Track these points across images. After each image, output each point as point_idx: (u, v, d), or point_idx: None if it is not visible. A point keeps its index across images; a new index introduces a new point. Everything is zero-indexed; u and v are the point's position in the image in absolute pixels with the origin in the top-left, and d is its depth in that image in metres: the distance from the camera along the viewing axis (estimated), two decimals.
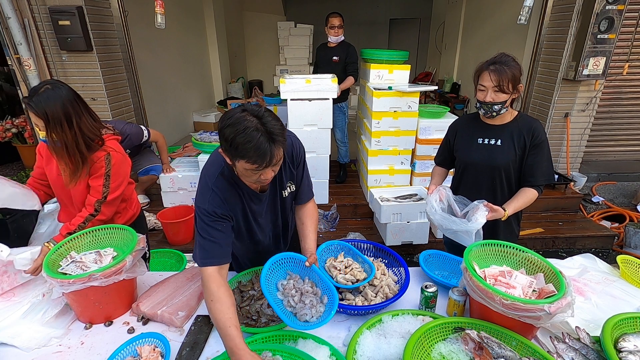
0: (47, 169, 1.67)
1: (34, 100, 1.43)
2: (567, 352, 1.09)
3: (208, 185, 1.26)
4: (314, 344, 1.14)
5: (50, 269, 1.27)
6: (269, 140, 1.07)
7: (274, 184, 1.37)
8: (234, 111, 1.11)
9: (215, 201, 1.24)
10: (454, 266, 1.67)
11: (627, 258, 1.61)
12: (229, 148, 1.09)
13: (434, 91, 7.68)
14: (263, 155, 1.07)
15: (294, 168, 1.39)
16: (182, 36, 5.81)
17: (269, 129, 1.07)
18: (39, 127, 1.49)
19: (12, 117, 4.60)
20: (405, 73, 3.57)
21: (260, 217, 1.41)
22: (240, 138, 1.05)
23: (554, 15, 4.02)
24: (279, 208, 1.45)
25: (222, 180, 1.26)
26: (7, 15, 3.14)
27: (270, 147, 1.07)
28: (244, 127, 1.06)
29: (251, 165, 1.09)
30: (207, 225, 1.23)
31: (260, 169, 1.11)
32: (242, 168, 1.12)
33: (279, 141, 1.10)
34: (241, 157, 1.08)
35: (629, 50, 3.95)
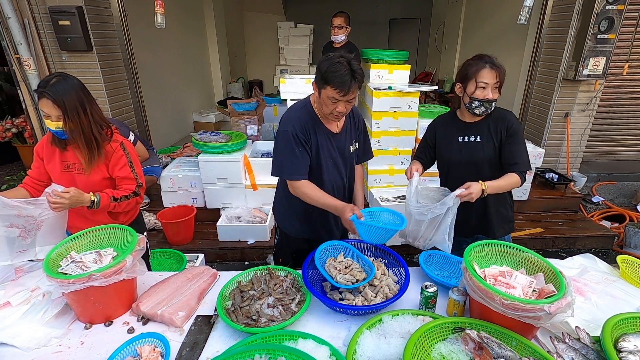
0: (50, 167, 1.66)
1: (49, 89, 1.47)
2: (567, 352, 1.09)
3: (293, 115, 1.62)
4: (314, 344, 1.14)
5: (50, 269, 1.27)
6: (351, 75, 1.42)
7: (345, 133, 1.69)
8: (332, 53, 1.48)
9: (299, 125, 1.57)
10: (454, 266, 1.67)
11: (627, 258, 1.61)
12: (321, 76, 1.46)
13: (434, 91, 7.68)
14: (344, 84, 1.42)
15: (356, 128, 1.76)
16: (182, 36, 5.81)
17: (353, 68, 1.43)
18: (51, 118, 1.51)
19: (12, 117, 4.60)
20: (405, 73, 3.57)
21: (330, 160, 1.67)
22: (331, 68, 1.42)
23: (554, 15, 4.02)
24: (346, 162, 1.73)
25: (305, 112, 1.61)
26: (7, 15, 3.14)
27: (350, 80, 1.42)
28: (336, 62, 1.43)
29: (334, 92, 1.44)
30: (290, 146, 1.57)
31: (339, 97, 1.44)
32: (325, 96, 1.48)
33: (357, 80, 1.44)
34: (328, 84, 1.44)
35: (629, 50, 3.95)
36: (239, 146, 3.52)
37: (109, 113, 3.66)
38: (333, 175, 1.72)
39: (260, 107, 4.92)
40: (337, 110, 1.50)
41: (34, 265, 1.61)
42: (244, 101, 5.09)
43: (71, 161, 1.65)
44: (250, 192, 3.50)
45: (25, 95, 3.50)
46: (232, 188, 3.45)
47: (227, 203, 3.54)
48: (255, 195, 3.51)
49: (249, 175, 3.45)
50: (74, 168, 1.65)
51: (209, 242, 3.32)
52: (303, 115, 1.60)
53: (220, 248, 3.27)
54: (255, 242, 3.28)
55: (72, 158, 1.65)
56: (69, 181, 1.63)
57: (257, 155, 3.66)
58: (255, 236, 3.29)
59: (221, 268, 1.74)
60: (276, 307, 1.35)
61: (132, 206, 1.72)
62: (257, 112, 4.75)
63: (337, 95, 1.45)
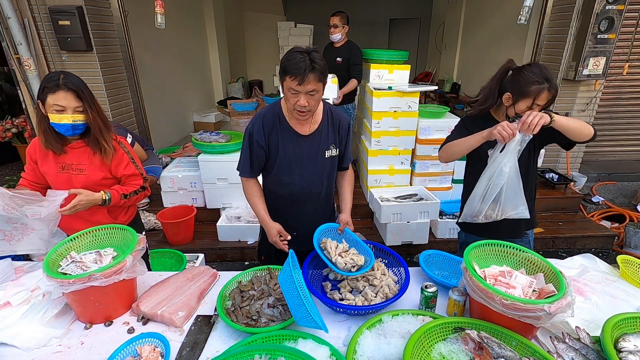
0: (44, 169, 1.63)
1: (67, 81, 1.47)
2: (567, 352, 1.09)
3: (259, 113, 1.62)
4: (314, 344, 1.14)
5: (50, 269, 1.27)
6: (309, 64, 1.37)
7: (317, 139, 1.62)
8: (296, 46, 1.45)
9: (256, 125, 1.58)
10: (454, 266, 1.67)
11: (627, 258, 1.60)
12: (281, 71, 1.43)
13: (434, 91, 7.68)
14: (299, 70, 1.36)
15: (337, 134, 1.66)
16: (182, 36, 5.81)
17: (312, 57, 1.39)
18: (67, 111, 1.49)
19: (12, 117, 4.60)
20: (405, 73, 3.57)
21: (296, 162, 1.63)
22: (289, 57, 1.40)
23: (554, 15, 4.02)
24: (320, 166, 1.66)
25: (271, 112, 1.59)
26: (7, 15, 3.14)
27: (306, 66, 1.36)
28: (295, 52, 1.41)
29: (291, 81, 1.39)
30: (246, 144, 1.62)
31: (297, 87, 1.39)
32: (286, 88, 1.43)
33: (316, 69, 1.38)
34: (286, 74, 1.40)
35: (629, 50, 3.95)
36: (239, 146, 3.50)
37: (109, 113, 3.66)
38: (299, 180, 1.65)
39: (260, 107, 4.92)
40: (298, 104, 1.43)
41: (34, 265, 1.61)
42: (244, 101, 5.09)
43: (69, 162, 1.62)
44: None
45: (25, 95, 3.50)
46: (232, 188, 3.45)
47: (227, 203, 3.54)
48: None
49: None
50: (71, 169, 1.62)
51: (209, 242, 3.32)
52: (267, 114, 1.59)
53: (220, 248, 3.27)
54: (255, 242, 3.28)
55: (70, 159, 1.62)
56: (66, 182, 1.61)
57: None
58: (255, 236, 3.29)
59: (221, 268, 1.74)
60: (276, 307, 1.35)
61: (140, 200, 1.77)
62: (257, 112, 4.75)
63: (294, 85, 1.39)
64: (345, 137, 1.70)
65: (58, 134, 1.57)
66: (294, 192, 1.68)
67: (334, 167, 1.72)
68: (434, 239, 3.38)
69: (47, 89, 1.47)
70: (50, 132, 1.55)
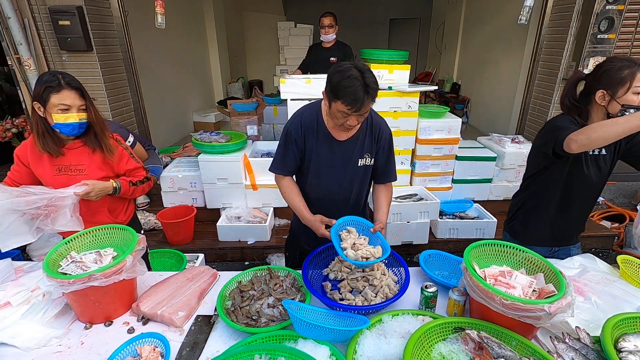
0: (39, 172, 1.60)
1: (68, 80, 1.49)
2: (567, 352, 1.09)
3: (298, 112, 1.59)
4: (313, 344, 1.14)
5: (50, 269, 1.27)
6: (364, 90, 1.32)
7: (352, 145, 1.58)
8: (344, 63, 1.38)
9: (296, 124, 1.54)
10: (454, 266, 1.67)
11: (627, 258, 1.60)
12: (332, 90, 1.37)
13: (434, 91, 7.69)
14: (356, 100, 1.33)
15: (374, 143, 1.61)
16: (183, 36, 5.81)
17: (367, 82, 1.33)
18: (72, 110, 1.50)
19: (12, 117, 4.60)
20: (405, 73, 3.56)
21: (327, 167, 1.59)
22: (343, 83, 1.32)
23: (554, 15, 4.02)
24: (351, 173, 1.62)
25: (311, 113, 1.56)
26: (7, 15, 3.14)
27: (364, 96, 1.33)
28: (348, 75, 1.32)
29: (345, 107, 1.35)
30: (283, 142, 1.59)
31: (350, 113, 1.36)
32: (336, 109, 1.39)
33: (371, 95, 1.35)
34: (339, 98, 1.35)
35: (629, 50, 3.94)
36: (239, 146, 3.52)
37: (109, 113, 3.66)
38: (331, 185, 1.63)
39: (260, 107, 4.92)
40: (347, 124, 1.42)
41: (34, 265, 1.61)
42: (244, 101, 5.08)
43: (66, 163, 1.61)
44: (250, 192, 3.50)
45: (25, 95, 3.50)
46: (232, 188, 3.45)
47: (227, 203, 3.54)
48: (255, 195, 3.51)
49: (249, 175, 3.45)
50: (70, 170, 1.61)
51: (209, 242, 3.32)
52: (307, 115, 1.57)
53: (220, 248, 3.27)
54: (255, 242, 3.28)
55: (69, 160, 1.61)
56: (65, 184, 1.59)
57: (257, 155, 3.66)
58: (255, 236, 3.29)
59: (221, 268, 1.74)
60: (276, 307, 1.35)
61: (146, 190, 1.80)
62: (257, 112, 4.75)
63: (348, 111, 1.36)
64: (385, 148, 1.63)
65: (56, 135, 1.55)
66: (321, 195, 1.66)
67: (366, 176, 1.67)
68: (434, 239, 3.38)
69: (51, 89, 1.46)
70: (49, 134, 1.53)
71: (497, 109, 5.78)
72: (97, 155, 1.63)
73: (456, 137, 3.52)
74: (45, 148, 1.54)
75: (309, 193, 1.68)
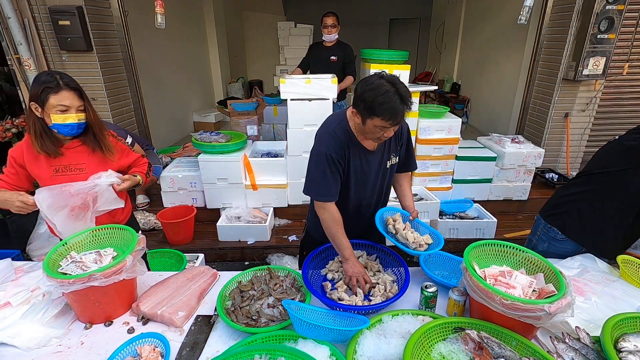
0: (36, 173, 1.58)
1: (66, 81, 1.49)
2: (567, 352, 1.09)
3: (328, 131, 1.50)
4: (313, 344, 1.14)
5: (50, 269, 1.27)
6: (401, 102, 1.31)
7: (381, 151, 1.57)
8: (372, 78, 1.35)
9: (334, 146, 1.47)
10: (454, 266, 1.67)
11: (627, 258, 1.60)
12: (367, 108, 1.33)
13: (434, 91, 7.69)
14: (396, 114, 1.31)
15: (398, 144, 1.63)
16: (182, 36, 5.81)
17: (401, 93, 1.31)
18: (71, 110, 1.50)
19: (12, 117, 4.60)
20: (405, 73, 3.55)
21: (361, 177, 1.57)
22: (379, 100, 1.30)
23: (554, 15, 4.02)
24: (381, 177, 1.63)
25: (341, 130, 1.49)
26: (7, 15, 3.14)
27: (402, 107, 1.32)
28: (384, 91, 1.30)
29: (384, 123, 1.33)
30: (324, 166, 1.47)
31: (390, 126, 1.35)
32: (372, 125, 1.36)
33: (408, 104, 1.33)
34: (377, 115, 1.32)
35: (629, 50, 3.94)
36: (239, 146, 3.52)
37: (108, 113, 3.66)
38: (361, 193, 1.62)
39: (260, 107, 4.92)
40: (385, 136, 1.40)
41: (34, 265, 1.61)
42: (244, 101, 5.08)
43: (65, 163, 1.59)
44: (250, 192, 3.50)
45: (25, 95, 3.50)
46: (232, 188, 3.45)
47: (227, 203, 3.54)
48: (255, 195, 3.51)
49: (249, 175, 3.45)
50: (69, 170, 1.60)
51: (209, 242, 3.31)
52: (338, 132, 1.49)
53: (220, 248, 3.27)
54: (255, 242, 3.28)
55: (68, 160, 1.60)
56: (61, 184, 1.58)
57: (257, 155, 3.66)
58: (255, 236, 3.29)
59: (221, 268, 1.74)
60: (276, 307, 1.35)
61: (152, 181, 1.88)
62: (257, 112, 4.75)
63: (387, 125, 1.34)
64: (406, 143, 1.67)
65: (54, 136, 1.54)
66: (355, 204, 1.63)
67: (393, 173, 1.70)
68: None
69: (49, 90, 1.44)
70: (46, 134, 1.52)
71: (497, 109, 5.78)
72: (96, 155, 1.63)
73: (456, 137, 3.52)
74: (43, 148, 1.52)
75: (344, 203, 1.61)
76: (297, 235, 3.37)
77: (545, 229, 1.77)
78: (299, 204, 3.60)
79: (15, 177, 1.59)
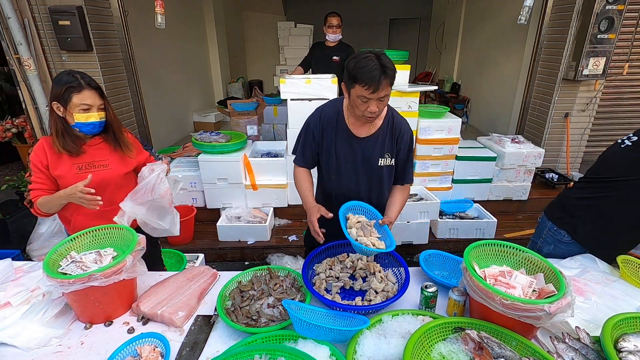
0: (59, 172, 1.58)
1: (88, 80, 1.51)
2: (567, 352, 1.09)
3: (322, 107, 1.61)
4: (313, 344, 1.14)
5: (50, 269, 1.27)
6: (381, 70, 1.32)
7: (373, 144, 1.57)
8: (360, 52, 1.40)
9: (316, 117, 1.58)
10: (454, 266, 1.67)
11: (627, 258, 1.60)
12: (350, 77, 1.37)
13: (434, 91, 7.68)
14: (372, 79, 1.31)
15: (394, 143, 1.60)
16: (182, 36, 5.81)
17: (383, 63, 1.33)
18: (92, 109, 1.52)
19: (12, 117, 4.60)
20: (405, 73, 3.56)
21: (346, 163, 1.60)
22: (359, 64, 1.33)
23: (554, 15, 4.02)
24: (370, 172, 1.61)
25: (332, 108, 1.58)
26: (7, 15, 3.14)
27: (380, 74, 1.31)
28: (364, 57, 1.34)
29: (364, 91, 1.34)
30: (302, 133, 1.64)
31: (370, 95, 1.35)
32: (355, 95, 1.39)
33: (388, 75, 1.33)
34: (356, 82, 1.35)
35: (629, 50, 3.95)
36: (239, 146, 3.52)
37: None
38: (350, 182, 1.63)
39: (260, 107, 4.92)
40: (369, 111, 1.40)
41: (34, 265, 1.61)
42: (244, 101, 5.08)
43: (88, 160, 1.62)
44: (250, 192, 3.50)
45: (25, 95, 3.49)
46: (232, 188, 3.45)
47: (227, 203, 3.54)
48: (255, 195, 3.51)
49: (249, 175, 3.45)
50: (93, 166, 1.62)
51: (209, 242, 3.31)
52: (327, 109, 1.60)
53: (220, 248, 3.27)
54: (255, 242, 3.28)
55: (90, 157, 1.62)
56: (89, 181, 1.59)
57: (257, 155, 3.66)
58: (255, 236, 3.29)
59: (221, 268, 1.74)
60: (276, 307, 1.35)
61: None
62: (257, 112, 4.75)
63: (366, 93, 1.35)
64: (405, 149, 1.62)
65: (75, 134, 1.58)
66: (340, 193, 1.65)
67: (387, 177, 1.65)
68: (434, 239, 3.38)
69: (72, 89, 1.47)
70: (68, 133, 1.55)
71: (497, 109, 5.78)
72: (117, 153, 1.69)
73: (456, 137, 3.52)
74: (64, 147, 1.55)
75: (330, 190, 1.68)
76: (297, 235, 3.37)
77: (551, 231, 1.74)
78: (299, 204, 3.58)
79: (48, 180, 1.60)
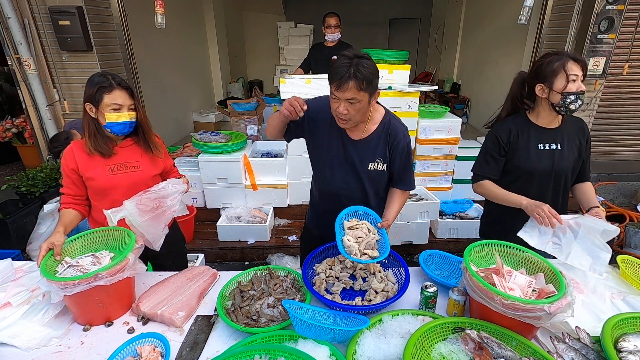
0: (91, 173, 1.58)
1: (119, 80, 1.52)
2: (567, 352, 1.09)
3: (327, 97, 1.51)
4: (313, 344, 1.14)
5: (48, 274, 1.25)
6: (350, 71, 1.29)
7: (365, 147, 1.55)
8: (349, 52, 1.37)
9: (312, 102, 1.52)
10: (454, 266, 1.67)
11: (627, 258, 1.60)
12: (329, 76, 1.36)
13: (434, 91, 7.68)
14: (337, 75, 1.30)
15: (388, 148, 1.57)
16: (182, 36, 5.81)
17: (356, 63, 1.30)
18: (123, 109, 1.52)
19: (12, 117, 4.60)
20: (405, 73, 3.56)
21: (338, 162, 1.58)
22: (335, 63, 1.33)
23: (554, 15, 4.01)
24: (360, 175, 1.59)
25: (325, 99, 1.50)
26: (7, 15, 3.14)
27: (347, 74, 1.29)
28: (342, 55, 1.33)
29: (332, 87, 1.34)
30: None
31: (337, 93, 1.33)
32: (330, 91, 1.38)
33: (357, 78, 1.29)
34: (329, 77, 1.35)
35: (629, 50, 3.94)
36: (239, 146, 3.52)
37: None
38: (341, 182, 1.61)
39: (260, 107, 4.92)
40: (338, 111, 1.38)
41: (34, 265, 1.61)
42: (244, 101, 5.08)
43: (120, 161, 1.62)
44: (250, 192, 3.50)
45: (25, 95, 3.49)
46: (232, 188, 3.45)
47: (227, 203, 3.54)
48: (255, 195, 3.51)
49: (249, 175, 3.45)
50: (125, 167, 1.63)
51: (209, 242, 3.32)
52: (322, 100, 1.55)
53: (220, 248, 3.27)
54: (255, 242, 3.29)
55: (122, 158, 1.63)
56: (120, 182, 1.60)
57: (257, 155, 3.66)
58: (255, 236, 3.29)
59: (221, 268, 1.74)
60: (276, 307, 1.35)
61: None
62: (257, 112, 4.75)
63: (334, 90, 1.35)
64: (402, 157, 1.58)
65: (106, 135, 1.58)
66: (333, 191, 1.64)
67: (378, 182, 1.64)
68: (434, 239, 3.38)
69: (103, 89, 1.48)
70: (100, 134, 1.56)
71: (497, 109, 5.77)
72: (148, 154, 1.69)
73: (456, 137, 3.52)
74: (96, 148, 1.56)
75: (324, 186, 1.68)
76: (297, 235, 3.37)
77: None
78: (299, 204, 3.60)
79: (74, 186, 1.62)
